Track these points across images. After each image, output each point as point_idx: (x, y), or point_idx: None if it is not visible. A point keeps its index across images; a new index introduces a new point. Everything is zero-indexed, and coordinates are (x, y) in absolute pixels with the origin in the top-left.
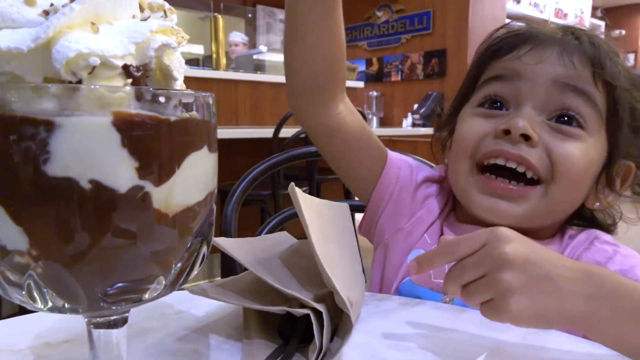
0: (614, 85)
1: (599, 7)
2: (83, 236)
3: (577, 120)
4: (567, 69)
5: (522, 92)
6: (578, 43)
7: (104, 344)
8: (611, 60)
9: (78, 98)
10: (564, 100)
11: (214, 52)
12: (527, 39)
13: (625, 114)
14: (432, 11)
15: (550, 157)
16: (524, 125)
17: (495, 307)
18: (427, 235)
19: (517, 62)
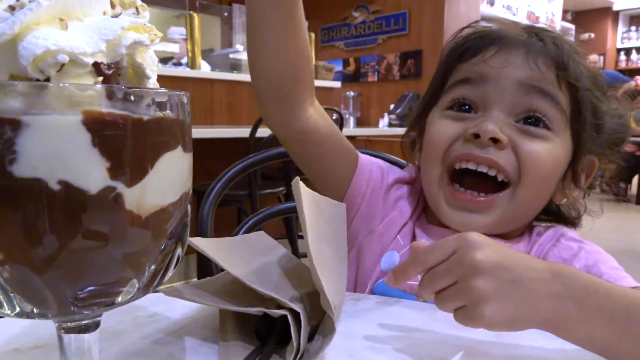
0: (577, 86)
1: (569, 10)
2: (52, 239)
3: (544, 121)
4: (532, 71)
5: (489, 95)
6: (542, 45)
7: (75, 349)
8: (574, 60)
9: (46, 96)
10: (531, 102)
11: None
12: (493, 40)
13: (588, 113)
14: (408, 12)
15: (518, 156)
16: (492, 129)
17: (469, 314)
18: (399, 237)
19: (483, 65)
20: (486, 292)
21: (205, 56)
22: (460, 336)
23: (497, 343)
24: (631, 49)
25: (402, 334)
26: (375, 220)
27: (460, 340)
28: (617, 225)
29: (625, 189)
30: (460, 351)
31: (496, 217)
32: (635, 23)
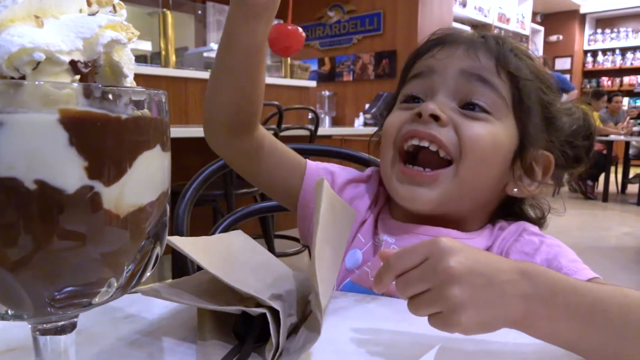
0: (517, 75)
1: (539, 13)
2: (28, 239)
3: (482, 107)
4: (473, 61)
5: (435, 84)
6: (483, 41)
7: (50, 352)
8: (516, 55)
9: (22, 94)
10: (471, 89)
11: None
12: (441, 40)
13: (535, 104)
14: (383, 12)
15: (458, 135)
16: (432, 108)
17: (446, 321)
18: (360, 235)
19: (431, 60)
20: (462, 299)
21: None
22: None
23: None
24: (597, 50)
25: (378, 331)
26: None
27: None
28: (584, 222)
29: (592, 187)
30: (436, 346)
31: (441, 191)
32: (601, 26)
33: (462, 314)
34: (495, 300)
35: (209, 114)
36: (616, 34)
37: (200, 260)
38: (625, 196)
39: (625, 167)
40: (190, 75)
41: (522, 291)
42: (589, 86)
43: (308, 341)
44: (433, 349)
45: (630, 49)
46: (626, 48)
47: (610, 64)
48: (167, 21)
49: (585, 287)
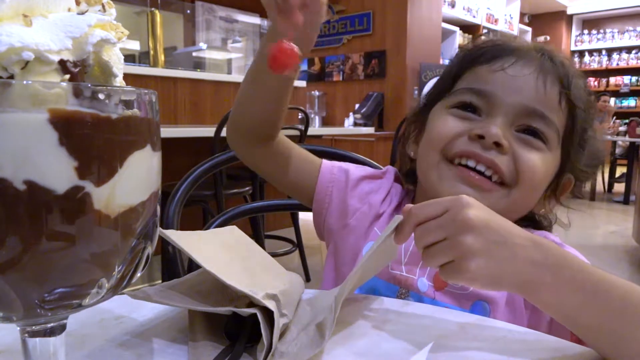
0: (575, 105)
1: (526, 13)
2: (17, 240)
3: (540, 136)
4: (538, 93)
5: (495, 107)
6: (552, 65)
7: (40, 354)
8: (576, 82)
9: (10, 94)
10: (530, 122)
11: (152, 49)
12: (511, 51)
13: (578, 133)
14: (372, 13)
15: (516, 164)
16: (497, 133)
17: (455, 268)
18: (376, 228)
19: (501, 75)
20: (474, 247)
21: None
22: (428, 332)
23: (463, 335)
24: (584, 51)
25: (371, 329)
26: (348, 215)
27: (429, 334)
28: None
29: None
30: (429, 343)
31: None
32: (588, 27)
33: (472, 261)
34: (506, 257)
35: (236, 122)
36: (602, 34)
37: (195, 255)
38: (612, 195)
39: (611, 166)
40: (179, 75)
41: (532, 257)
42: None
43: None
44: (425, 348)
45: (616, 50)
46: (612, 49)
47: (596, 65)
48: (155, 20)
49: (591, 267)
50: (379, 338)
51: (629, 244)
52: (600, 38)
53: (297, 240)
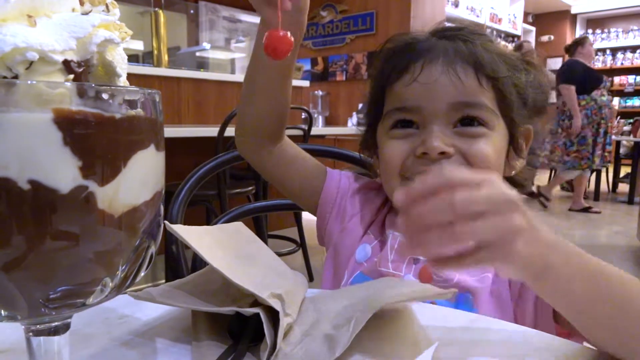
0: (496, 77)
1: (530, 13)
2: (21, 239)
3: (478, 120)
4: (455, 86)
5: (426, 117)
6: (455, 47)
7: (44, 353)
8: (487, 51)
9: (15, 94)
10: (462, 113)
11: (155, 49)
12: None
13: (513, 96)
14: (375, 12)
15: (467, 159)
16: (437, 145)
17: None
18: (370, 232)
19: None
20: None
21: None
22: (432, 331)
23: (468, 333)
24: None
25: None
26: (345, 219)
27: (433, 332)
28: (576, 222)
29: None
30: (434, 343)
31: None
32: (592, 26)
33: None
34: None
35: (240, 124)
36: (607, 34)
37: (201, 252)
38: (616, 195)
39: (616, 166)
40: (182, 75)
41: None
42: None
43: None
44: (430, 348)
45: (620, 49)
46: (617, 48)
47: (601, 64)
48: (159, 20)
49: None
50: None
51: (634, 244)
52: (605, 37)
53: (300, 240)
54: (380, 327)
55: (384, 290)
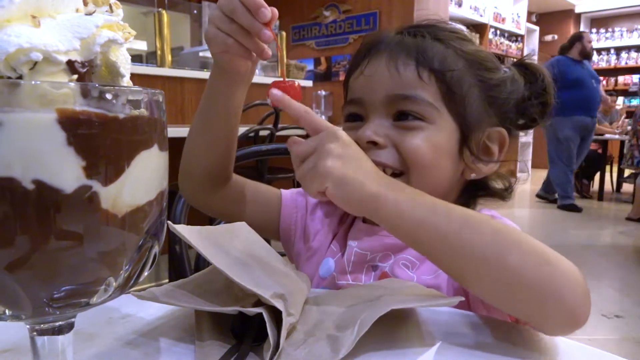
0: (442, 70)
1: (534, 12)
2: (25, 239)
3: (413, 115)
4: (393, 79)
5: (367, 109)
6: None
7: (48, 352)
8: (442, 42)
9: (19, 94)
10: (398, 107)
11: (159, 49)
12: (367, 51)
13: (469, 90)
14: (378, 12)
15: (399, 152)
16: (368, 134)
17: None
18: (332, 245)
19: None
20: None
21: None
22: (436, 330)
23: (471, 336)
24: None
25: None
26: (310, 238)
27: (436, 334)
28: (581, 221)
29: (588, 186)
30: (436, 344)
31: None
32: (596, 25)
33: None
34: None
35: (186, 169)
36: (611, 33)
37: (204, 252)
38: (621, 195)
39: (620, 166)
40: (186, 75)
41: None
42: None
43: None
44: (433, 347)
45: (624, 49)
46: (621, 47)
47: (605, 64)
48: (162, 21)
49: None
50: (385, 338)
51: (638, 244)
52: (609, 37)
53: None
54: (383, 327)
55: (391, 294)
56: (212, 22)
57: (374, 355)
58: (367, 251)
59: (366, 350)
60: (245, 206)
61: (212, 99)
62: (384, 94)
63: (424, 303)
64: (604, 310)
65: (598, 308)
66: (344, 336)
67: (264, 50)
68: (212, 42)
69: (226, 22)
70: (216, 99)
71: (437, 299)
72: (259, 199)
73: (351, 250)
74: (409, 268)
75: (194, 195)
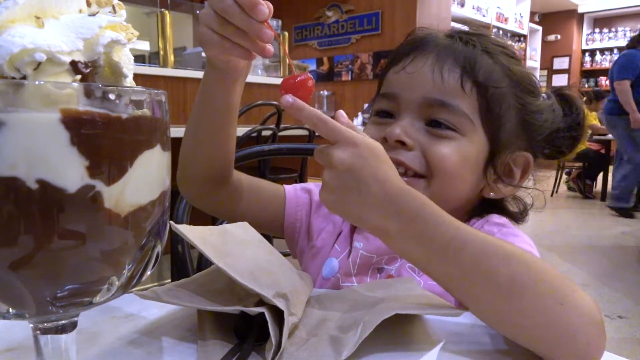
0: (486, 84)
1: (537, 12)
2: (29, 238)
3: (447, 125)
4: (435, 83)
5: (401, 106)
6: (452, 47)
7: (51, 351)
8: (490, 55)
9: (23, 94)
10: (433, 113)
11: (161, 49)
12: (414, 46)
13: (508, 110)
14: (381, 12)
15: (426, 157)
16: (397, 133)
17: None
18: (337, 245)
19: (401, 74)
20: (328, 183)
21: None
22: (438, 330)
23: (474, 333)
24: (595, 50)
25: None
26: (314, 236)
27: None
28: (583, 222)
29: (590, 186)
30: (439, 344)
31: None
32: (599, 25)
33: (323, 192)
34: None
35: (185, 170)
36: (614, 33)
37: (207, 252)
38: None
39: None
40: (188, 75)
41: (383, 210)
42: (587, 85)
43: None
44: (436, 347)
45: None
46: (624, 47)
47: (608, 64)
48: (165, 21)
49: (452, 225)
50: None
51: None
52: (612, 37)
53: None
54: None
55: (396, 297)
56: (203, 23)
57: (376, 356)
58: (373, 254)
59: (368, 352)
60: (249, 204)
61: (209, 97)
62: (422, 95)
63: (429, 311)
64: (606, 311)
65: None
66: (347, 337)
67: (264, 48)
68: (206, 45)
69: (220, 24)
70: (213, 97)
71: (442, 308)
72: (262, 196)
73: (357, 252)
74: (415, 272)
75: (196, 197)
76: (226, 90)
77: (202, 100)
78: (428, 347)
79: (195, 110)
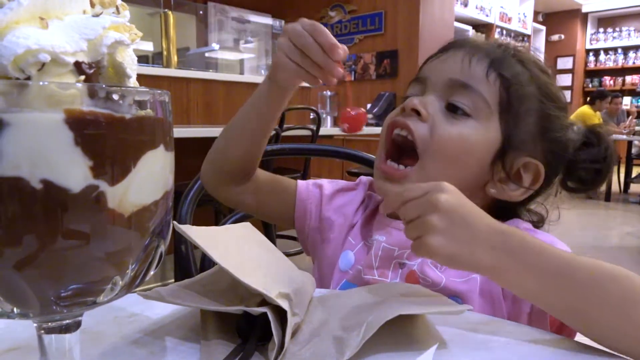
0: (509, 79)
1: (540, 12)
2: (33, 238)
3: (462, 109)
4: (463, 68)
5: (427, 87)
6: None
7: (55, 350)
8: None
9: (27, 95)
10: (454, 94)
11: (165, 50)
12: (451, 44)
13: (529, 112)
14: (384, 12)
15: (432, 132)
16: (415, 103)
17: (419, 242)
18: (350, 237)
19: (433, 62)
20: (437, 226)
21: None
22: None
23: (470, 336)
24: (599, 50)
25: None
26: (325, 230)
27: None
28: (587, 222)
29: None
30: (434, 345)
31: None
32: (603, 25)
33: (434, 237)
34: (465, 240)
35: (215, 163)
36: (618, 33)
37: (210, 252)
38: (628, 195)
39: (627, 166)
40: (192, 76)
41: (492, 243)
42: (590, 85)
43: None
44: (431, 348)
45: (632, 48)
46: (628, 47)
47: (612, 63)
48: (168, 21)
49: (556, 252)
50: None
51: None
52: (616, 36)
53: None
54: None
55: (399, 299)
56: (282, 51)
57: (379, 357)
58: (395, 246)
59: (372, 353)
60: (264, 196)
61: (260, 106)
62: (448, 77)
63: (432, 310)
64: None
65: None
66: (350, 338)
67: (331, 81)
68: (281, 69)
69: (298, 55)
70: (266, 106)
71: (446, 306)
72: (276, 189)
73: (379, 244)
74: (438, 268)
75: (216, 187)
76: (278, 102)
77: (253, 108)
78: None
79: (243, 114)
